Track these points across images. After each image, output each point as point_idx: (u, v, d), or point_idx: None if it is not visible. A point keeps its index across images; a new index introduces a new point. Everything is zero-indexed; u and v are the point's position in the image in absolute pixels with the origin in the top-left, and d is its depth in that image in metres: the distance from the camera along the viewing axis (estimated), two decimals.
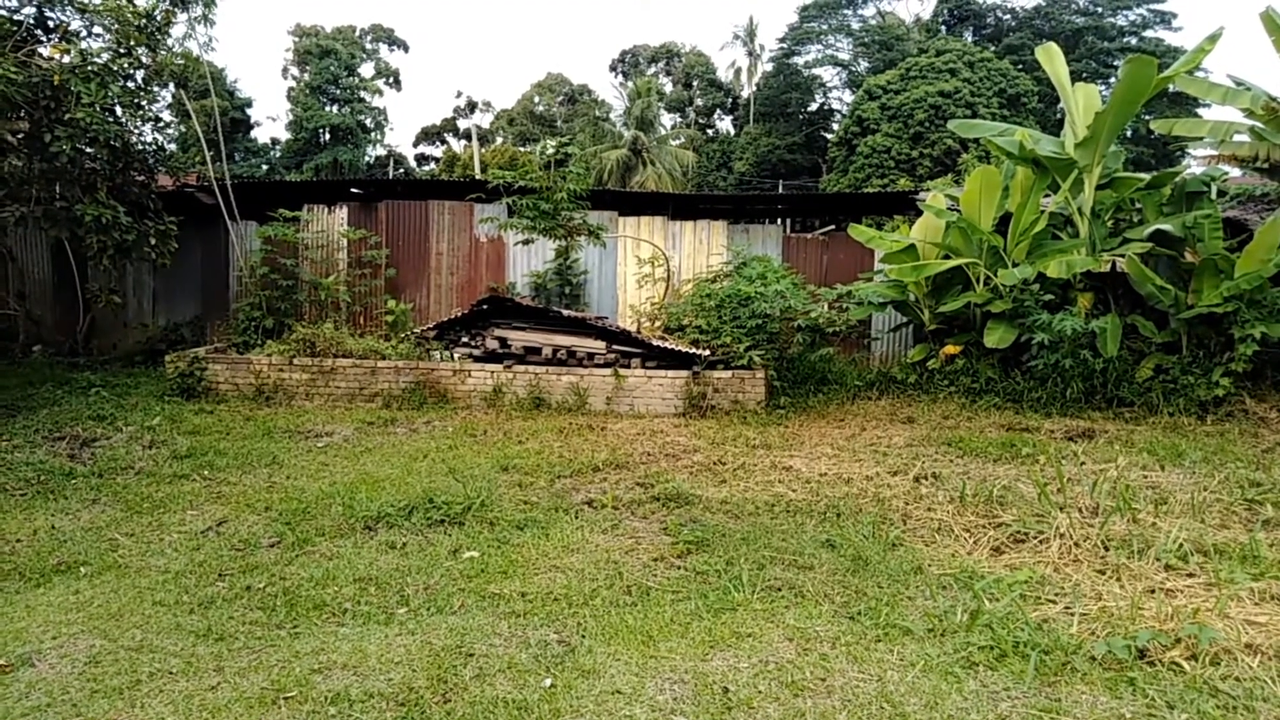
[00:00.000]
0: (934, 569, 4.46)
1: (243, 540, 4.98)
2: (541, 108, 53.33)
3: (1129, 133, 33.29)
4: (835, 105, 46.02)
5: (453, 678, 3.28)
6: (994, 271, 9.55)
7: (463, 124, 54.70)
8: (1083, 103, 9.86)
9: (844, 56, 44.99)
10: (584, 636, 3.65)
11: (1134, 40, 37.71)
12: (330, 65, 45.78)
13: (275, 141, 48.74)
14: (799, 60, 44.53)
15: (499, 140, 50.99)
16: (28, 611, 3.97)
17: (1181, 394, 8.66)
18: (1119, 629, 3.64)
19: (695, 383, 9.06)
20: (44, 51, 9.18)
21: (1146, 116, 24.33)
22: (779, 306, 9.41)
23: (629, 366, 9.29)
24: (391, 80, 50.23)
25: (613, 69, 55.08)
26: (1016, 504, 5.48)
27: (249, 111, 45.65)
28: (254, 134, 47.28)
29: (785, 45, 44.59)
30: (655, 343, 9.30)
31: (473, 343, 9.85)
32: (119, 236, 9.38)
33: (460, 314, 10.21)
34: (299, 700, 3.13)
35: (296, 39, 47.18)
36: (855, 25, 44.98)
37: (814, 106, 45.26)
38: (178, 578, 4.40)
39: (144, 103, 10.31)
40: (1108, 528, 4.84)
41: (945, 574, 4.38)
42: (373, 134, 48.37)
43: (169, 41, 10.38)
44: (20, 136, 9.05)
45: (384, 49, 50.71)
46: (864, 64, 43.20)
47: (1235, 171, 12.57)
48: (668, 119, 50.63)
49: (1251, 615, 3.76)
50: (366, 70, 49.11)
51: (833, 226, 14.11)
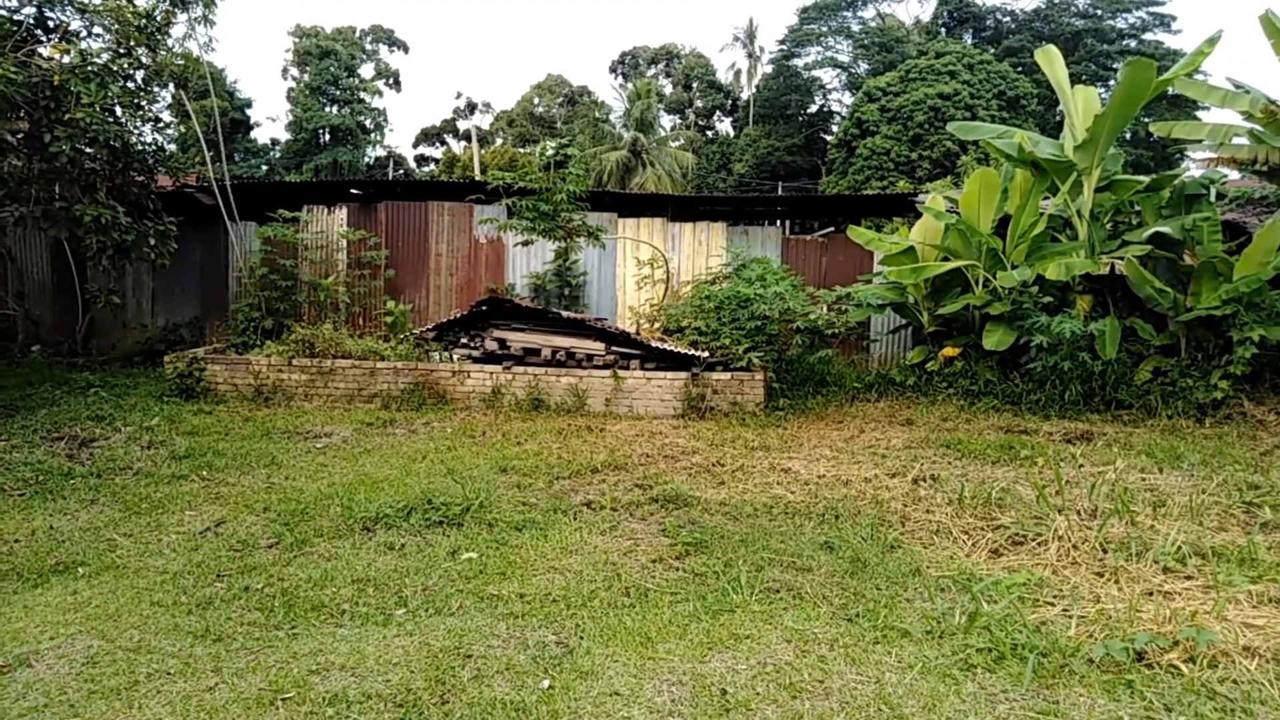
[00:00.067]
0: (932, 571, 4.46)
1: (241, 541, 4.97)
2: (541, 109, 53.34)
3: (1128, 135, 33.34)
4: (835, 107, 46.06)
5: (451, 679, 3.28)
6: (993, 274, 9.56)
7: (462, 125, 54.75)
8: (1082, 105, 9.87)
9: (844, 58, 45.04)
10: (582, 638, 3.65)
11: (1133, 43, 37.76)
12: (330, 66, 45.77)
13: (275, 142, 48.73)
14: (799, 62, 44.56)
15: (499, 141, 50.95)
16: (25, 612, 3.97)
17: (1180, 396, 8.67)
18: (1117, 631, 3.64)
19: (694, 384, 9.06)
20: (44, 51, 9.18)
21: (1146, 119, 24.39)
22: (778, 308, 9.42)
23: (628, 368, 9.29)
24: (391, 81, 50.23)
25: (612, 70, 55.18)
26: (1015, 506, 5.48)
27: (249, 112, 45.61)
28: (254, 134, 47.25)
29: (785, 47, 44.62)
30: (654, 344, 9.31)
31: (472, 344, 9.85)
32: (118, 237, 9.39)
33: (459, 315, 10.21)
34: (297, 701, 3.13)
35: (296, 40, 47.17)
36: (855, 27, 45.02)
37: (813, 108, 45.27)
38: (176, 578, 4.40)
39: (144, 103, 10.33)
40: (1106, 530, 4.84)
41: (943, 576, 4.38)
42: (372, 135, 48.35)
43: (169, 42, 10.39)
44: (20, 136, 9.05)
45: (384, 50, 50.73)
46: (864, 66, 43.25)
47: (1234, 174, 12.61)
48: (667, 120, 50.70)
49: (1249, 618, 3.77)
50: (366, 71, 49.14)
51: (832, 228, 14.14)
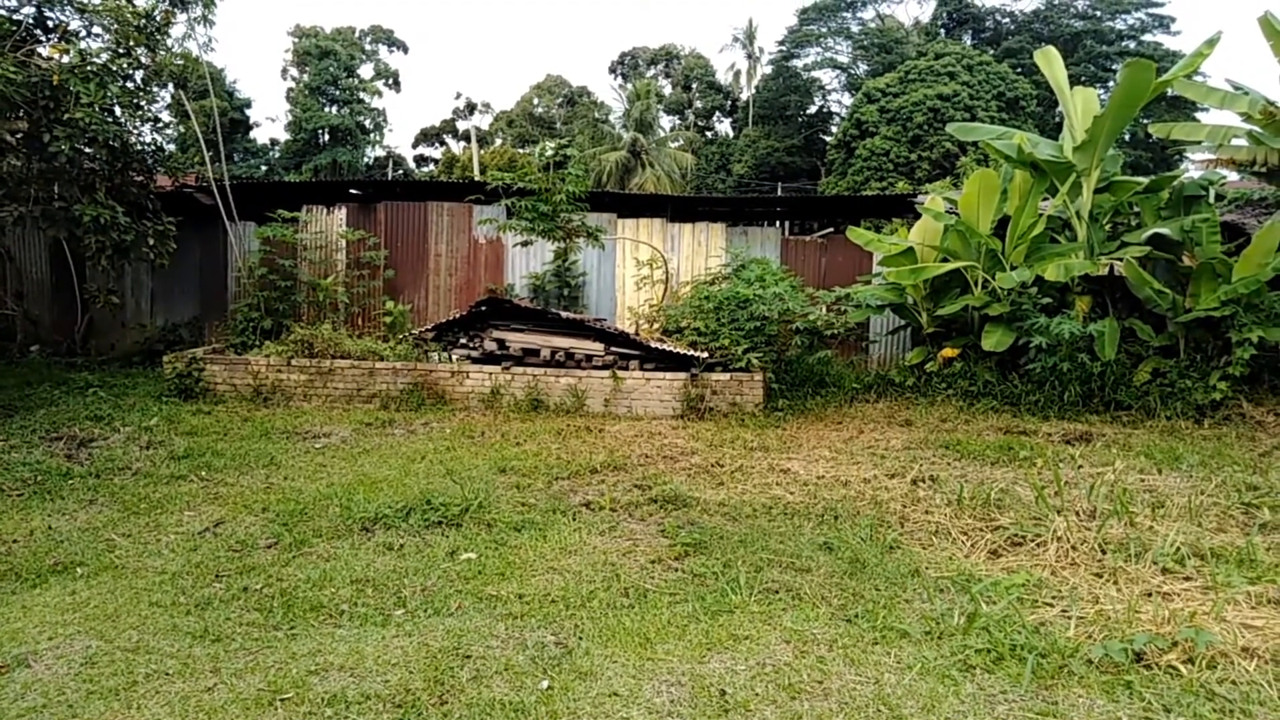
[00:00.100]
0: (931, 572, 4.46)
1: (240, 541, 4.97)
2: (541, 109, 53.36)
3: (1127, 136, 33.36)
4: (834, 108, 46.11)
5: (450, 679, 3.28)
6: (992, 275, 9.56)
7: (462, 125, 54.75)
8: (1081, 106, 9.88)
9: (843, 59, 45.08)
10: (581, 638, 3.65)
11: (1132, 44, 37.79)
12: (329, 66, 45.77)
13: (274, 142, 48.73)
14: (798, 63, 44.58)
15: (498, 142, 50.94)
16: (24, 612, 3.97)
17: (1179, 397, 8.68)
18: (1116, 632, 3.64)
19: (693, 385, 9.06)
20: (43, 51, 9.17)
21: (1145, 120, 24.43)
22: (777, 309, 9.41)
23: (627, 368, 9.29)
24: (391, 81, 50.24)
25: (612, 71, 55.21)
26: (1014, 507, 5.48)
27: (248, 112, 45.62)
28: (253, 134, 47.26)
29: (784, 48, 44.66)
30: (653, 345, 9.31)
31: (471, 344, 9.85)
32: (117, 237, 9.38)
33: (458, 315, 10.21)
34: (296, 702, 3.13)
35: (296, 40, 47.18)
36: (854, 28, 45.07)
37: (813, 109, 45.30)
38: (174, 579, 4.39)
39: (143, 103, 10.32)
40: (1105, 531, 4.85)
41: (942, 577, 4.38)
42: (372, 135, 48.36)
43: (168, 42, 10.40)
44: (19, 136, 9.05)
45: (383, 50, 50.76)
46: (863, 67, 43.28)
47: (1233, 175, 12.63)
48: (667, 121, 50.71)
49: (1248, 619, 3.77)
50: (366, 71, 49.15)
51: (831, 229, 14.14)
